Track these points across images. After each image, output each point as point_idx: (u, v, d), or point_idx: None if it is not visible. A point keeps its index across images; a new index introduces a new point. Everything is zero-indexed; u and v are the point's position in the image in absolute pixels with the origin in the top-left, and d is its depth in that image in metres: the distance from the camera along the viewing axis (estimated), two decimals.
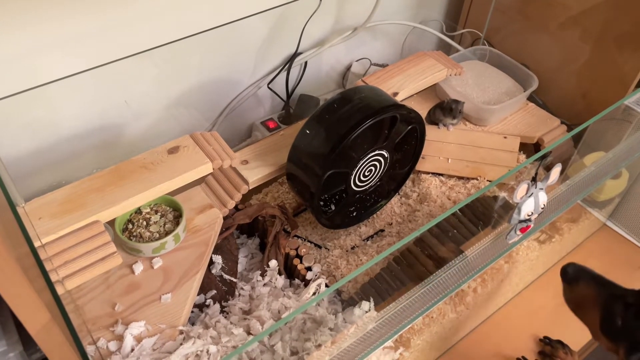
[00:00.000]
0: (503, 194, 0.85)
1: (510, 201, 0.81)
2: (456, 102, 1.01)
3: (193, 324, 0.74)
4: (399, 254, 0.84)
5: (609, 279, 0.67)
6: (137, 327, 0.68)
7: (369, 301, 0.75)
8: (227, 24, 0.94)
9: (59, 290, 0.64)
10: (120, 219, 0.77)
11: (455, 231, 0.79)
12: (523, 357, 0.95)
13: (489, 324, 0.99)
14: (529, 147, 1.08)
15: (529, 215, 0.64)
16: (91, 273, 0.66)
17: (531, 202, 0.63)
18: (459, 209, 0.84)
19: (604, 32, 1.06)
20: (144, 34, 0.87)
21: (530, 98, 1.13)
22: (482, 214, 0.82)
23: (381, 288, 0.79)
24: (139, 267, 0.75)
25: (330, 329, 0.71)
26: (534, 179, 0.61)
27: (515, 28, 1.20)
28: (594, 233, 1.15)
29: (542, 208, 0.65)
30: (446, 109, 1.02)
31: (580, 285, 0.68)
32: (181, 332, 0.69)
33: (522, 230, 0.66)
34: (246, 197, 0.93)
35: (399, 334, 0.68)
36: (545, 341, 0.97)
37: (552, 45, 1.15)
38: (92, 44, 0.83)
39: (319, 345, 0.68)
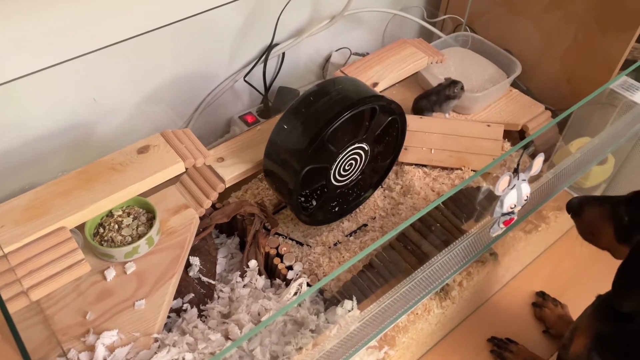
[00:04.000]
0: (487, 185, 0.83)
1: (494, 191, 0.79)
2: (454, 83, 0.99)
3: (170, 330, 0.72)
4: (381, 250, 0.81)
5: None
6: (109, 337, 0.65)
7: (352, 300, 0.72)
8: (199, 14, 0.91)
9: (24, 302, 0.61)
10: (91, 223, 0.73)
11: (438, 225, 0.77)
12: (493, 337, 0.94)
13: (477, 316, 0.97)
14: (514, 135, 1.06)
15: (512, 208, 0.62)
16: (58, 283, 0.62)
17: (514, 194, 0.60)
18: (442, 202, 0.81)
19: (587, 15, 1.04)
20: (112, 26, 0.83)
21: (514, 84, 1.11)
22: (466, 205, 0.80)
23: (364, 285, 0.77)
24: (111, 273, 0.72)
25: (312, 331, 0.69)
26: (516, 170, 0.59)
27: (497, 13, 1.18)
28: None
29: (525, 200, 0.63)
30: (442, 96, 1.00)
31: (586, 211, 0.70)
32: (156, 340, 0.66)
33: (506, 223, 0.64)
34: (225, 195, 0.90)
35: (383, 332, 0.66)
36: (539, 294, 1.01)
37: (535, 29, 1.12)
38: (57, 39, 0.79)
39: (300, 349, 0.66)
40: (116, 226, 0.74)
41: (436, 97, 1.01)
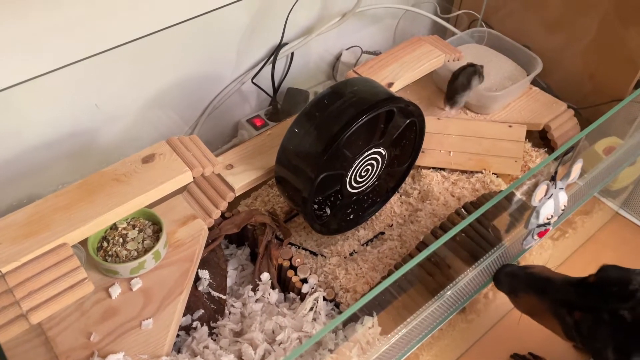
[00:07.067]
0: (515, 191, 0.78)
1: (519, 195, 0.74)
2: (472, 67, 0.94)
3: (179, 351, 0.68)
4: (401, 261, 0.77)
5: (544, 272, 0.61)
6: None
7: (372, 315, 0.68)
8: (205, 14, 0.87)
9: (23, 325, 0.56)
10: (94, 237, 0.69)
11: (463, 234, 0.72)
12: (515, 354, 0.89)
13: (500, 327, 0.92)
14: (534, 134, 1.01)
15: (548, 219, 0.57)
16: (59, 304, 0.58)
17: (551, 204, 0.56)
18: (466, 210, 0.77)
19: (609, 8, 0.99)
20: (112, 29, 0.79)
21: (534, 82, 1.06)
22: (491, 213, 0.75)
23: (383, 299, 0.73)
24: (116, 290, 0.67)
25: (330, 351, 0.65)
26: (553, 178, 0.54)
27: (515, 7, 1.13)
28: (606, 223, 1.09)
29: (562, 210, 0.58)
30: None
31: (521, 297, 0.62)
32: None
33: (541, 234, 0.59)
34: (234, 203, 0.86)
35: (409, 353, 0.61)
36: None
37: (555, 23, 1.08)
38: (56, 42, 0.74)
39: None
40: (121, 240, 0.70)
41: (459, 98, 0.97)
